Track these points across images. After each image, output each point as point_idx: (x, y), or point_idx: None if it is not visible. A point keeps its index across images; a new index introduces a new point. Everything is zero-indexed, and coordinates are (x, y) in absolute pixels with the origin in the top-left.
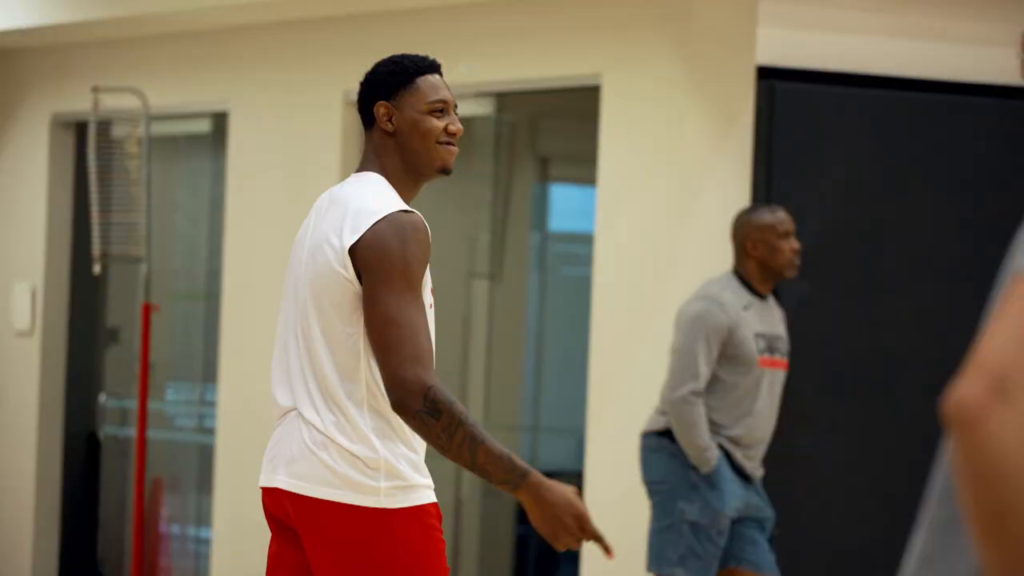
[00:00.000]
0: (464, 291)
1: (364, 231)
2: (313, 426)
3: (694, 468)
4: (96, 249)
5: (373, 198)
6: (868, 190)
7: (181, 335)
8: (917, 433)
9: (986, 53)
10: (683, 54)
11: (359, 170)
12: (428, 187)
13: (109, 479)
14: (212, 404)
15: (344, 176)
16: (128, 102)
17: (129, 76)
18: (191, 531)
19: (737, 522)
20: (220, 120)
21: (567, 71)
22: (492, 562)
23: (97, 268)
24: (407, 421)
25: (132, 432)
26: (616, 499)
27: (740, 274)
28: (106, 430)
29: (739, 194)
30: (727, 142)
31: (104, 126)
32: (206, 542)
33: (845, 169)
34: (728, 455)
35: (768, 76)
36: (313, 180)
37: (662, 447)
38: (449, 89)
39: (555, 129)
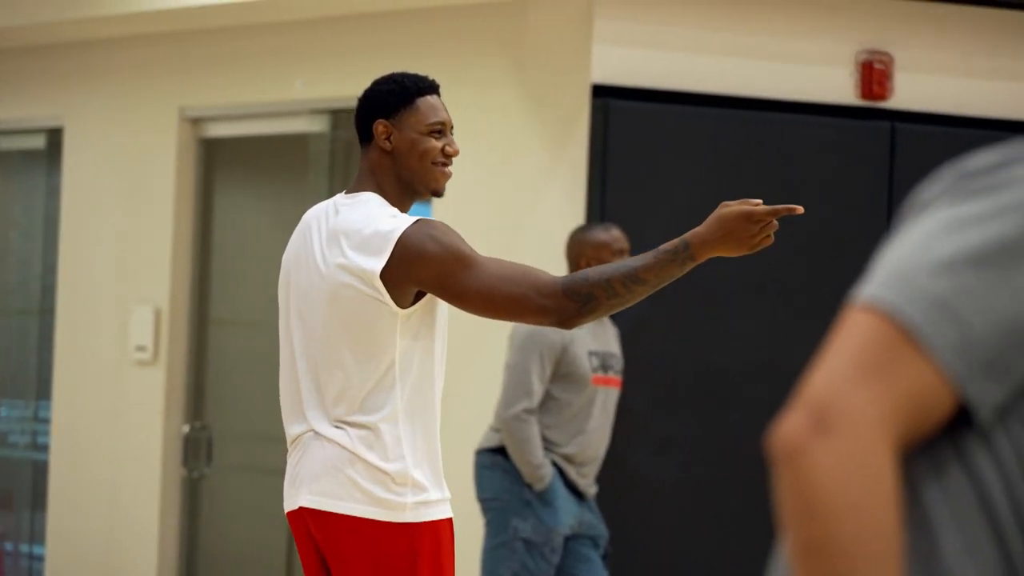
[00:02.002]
0: None
1: (389, 254)
2: (336, 443)
3: (528, 485)
4: None
5: (381, 218)
6: (702, 208)
7: (15, 351)
8: (750, 451)
9: (820, 72)
10: (518, 72)
11: (353, 189)
12: (262, 203)
13: None
14: (46, 421)
15: (178, 193)
16: None
17: None
18: (24, 548)
19: (570, 539)
20: (55, 136)
21: None
22: None
23: None
24: (587, 322)
25: None
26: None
27: None
28: None
29: (574, 212)
30: (562, 160)
31: None
32: (39, 559)
33: (679, 187)
34: (562, 472)
35: (603, 94)
36: (148, 196)
37: (496, 464)
38: (447, 110)
39: None
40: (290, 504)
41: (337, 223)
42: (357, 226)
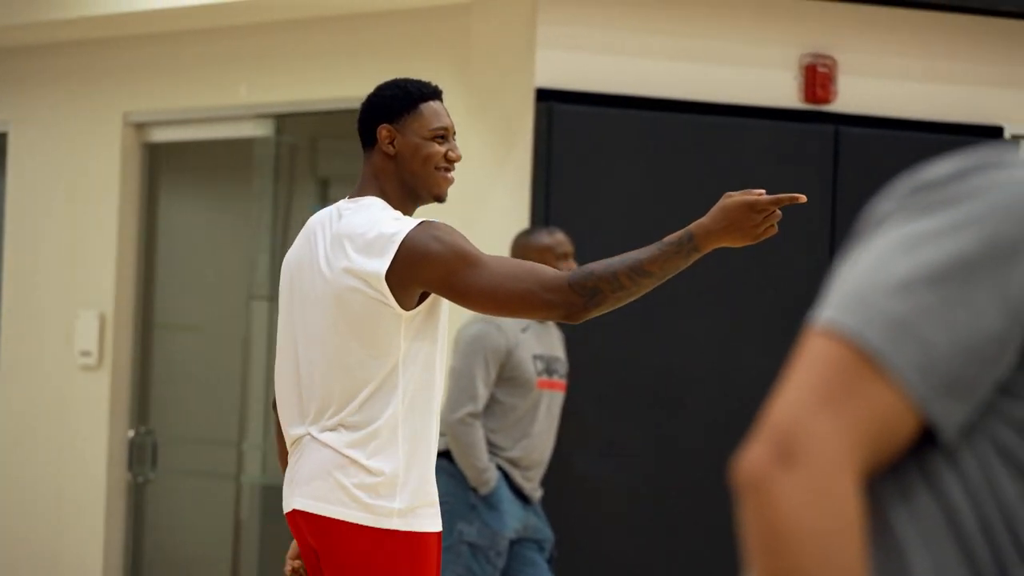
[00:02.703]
0: (243, 312)
1: (393, 255)
2: (330, 447)
3: (473, 489)
4: None
5: (385, 221)
6: (647, 211)
7: None
8: (696, 454)
9: (764, 76)
10: (462, 76)
11: (356, 193)
12: (207, 207)
13: None
14: None
15: (123, 198)
16: None
17: None
18: None
19: (516, 543)
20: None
21: (346, 93)
22: None
23: None
24: (594, 315)
25: None
26: None
27: None
28: None
29: (518, 215)
30: (506, 164)
31: None
32: None
33: (623, 190)
34: (507, 476)
35: (547, 98)
36: (93, 201)
37: (441, 468)
38: (449, 115)
39: (335, 151)
40: (287, 505)
41: (341, 227)
42: (361, 229)
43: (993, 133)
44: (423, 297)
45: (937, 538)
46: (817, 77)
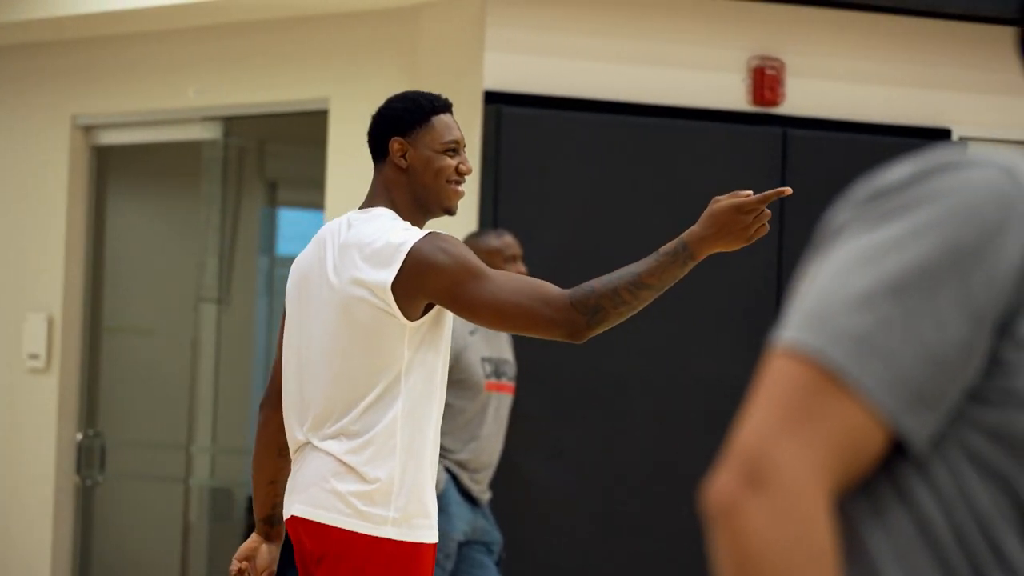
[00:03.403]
0: (192, 315)
1: (400, 266)
2: (330, 455)
3: None
4: None
5: (393, 231)
6: (594, 214)
7: None
8: (643, 457)
9: (712, 78)
10: (410, 78)
11: (366, 204)
12: (155, 210)
13: None
14: None
15: (71, 201)
16: None
17: None
18: None
19: (464, 545)
20: None
21: (295, 95)
22: None
23: None
24: (595, 333)
25: None
26: None
27: None
28: None
29: (466, 218)
30: None
31: None
32: None
33: (572, 193)
34: (455, 479)
35: (495, 100)
36: (41, 204)
37: None
38: (460, 128)
39: (283, 153)
40: (286, 512)
41: (349, 237)
42: (369, 239)
43: (941, 135)
44: (428, 308)
45: (911, 552)
46: (765, 79)
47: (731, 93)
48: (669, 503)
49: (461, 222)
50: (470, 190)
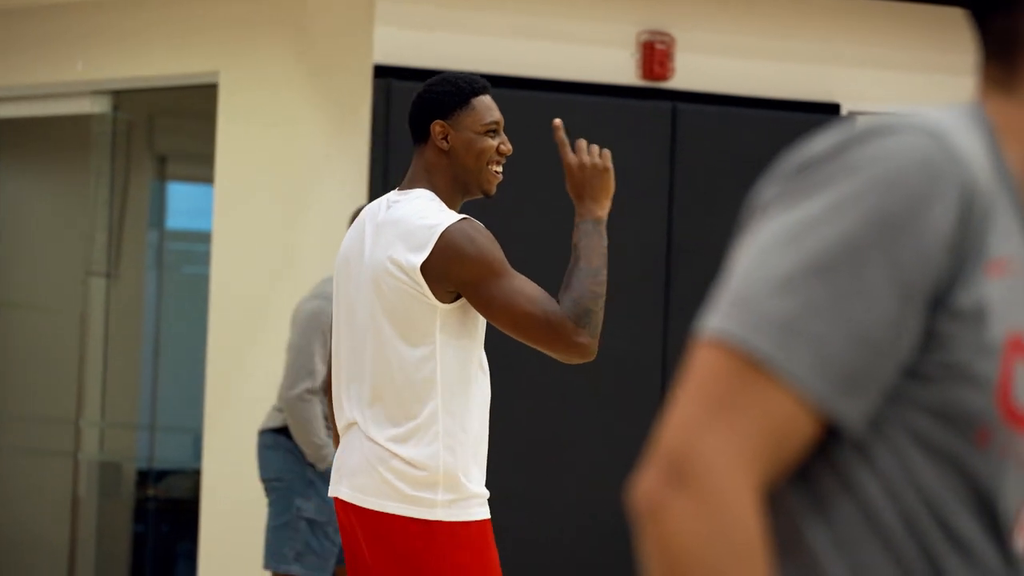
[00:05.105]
0: (81, 289)
1: (431, 248)
2: (374, 440)
3: (311, 465)
4: None
5: (428, 213)
6: None
7: None
8: (534, 429)
9: (602, 53)
10: (300, 52)
11: (406, 186)
12: (44, 184)
13: None
14: None
15: None
16: None
17: None
18: None
19: None
20: None
21: (184, 69)
22: (109, 561)
23: None
24: (594, 339)
25: None
26: (234, 496)
27: None
28: None
29: (356, 192)
30: (343, 140)
31: None
32: None
33: None
34: None
35: (385, 75)
36: None
37: (279, 444)
38: (498, 109)
39: (172, 127)
40: (333, 490)
41: (387, 217)
42: (404, 220)
43: (830, 110)
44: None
45: (856, 541)
46: (655, 54)
47: (621, 68)
48: (546, 478)
49: (351, 196)
50: (360, 164)
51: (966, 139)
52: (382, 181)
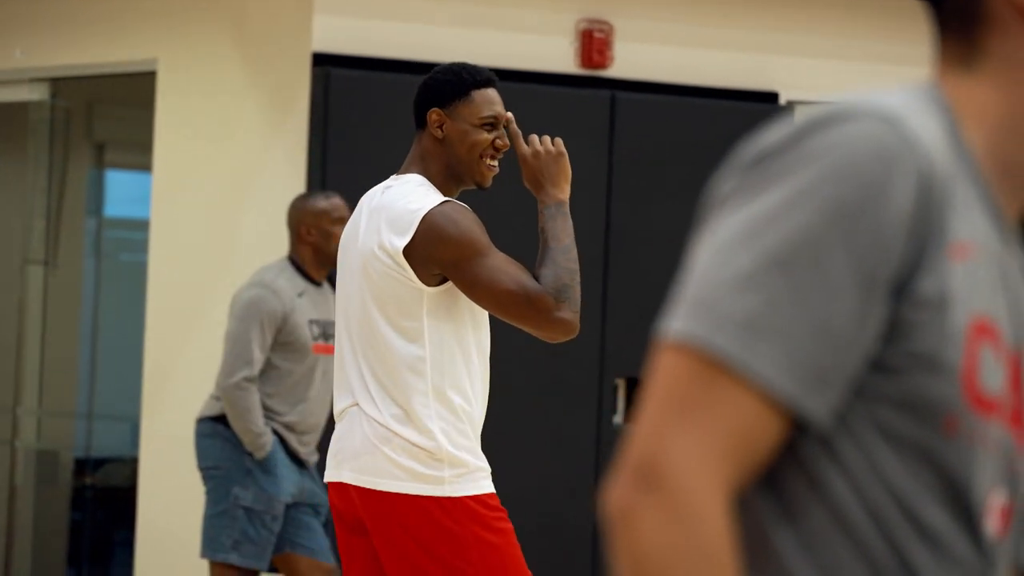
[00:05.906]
0: (18, 277)
1: (414, 231)
2: (375, 420)
3: (249, 454)
4: None
5: (412, 197)
6: None
7: None
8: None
9: (541, 41)
10: (239, 40)
11: (402, 171)
12: None
13: None
14: None
15: None
16: None
17: None
18: None
19: (292, 507)
20: None
21: (122, 56)
22: (46, 549)
23: None
24: (575, 315)
25: None
26: (171, 485)
27: (295, 260)
28: None
29: (295, 180)
30: (283, 128)
31: None
32: None
33: (401, 155)
34: (283, 441)
35: (323, 63)
36: None
37: (217, 433)
38: (502, 104)
39: (111, 115)
40: (332, 476)
41: (380, 201)
42: (391, 205)
43: (769, 99)
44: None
45: (824, 542)
46: (594, 43)
47: (559, 56)
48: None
49: (289, 184)
50: (298, 152)
51: (923, 122)
52: (320, 169)
